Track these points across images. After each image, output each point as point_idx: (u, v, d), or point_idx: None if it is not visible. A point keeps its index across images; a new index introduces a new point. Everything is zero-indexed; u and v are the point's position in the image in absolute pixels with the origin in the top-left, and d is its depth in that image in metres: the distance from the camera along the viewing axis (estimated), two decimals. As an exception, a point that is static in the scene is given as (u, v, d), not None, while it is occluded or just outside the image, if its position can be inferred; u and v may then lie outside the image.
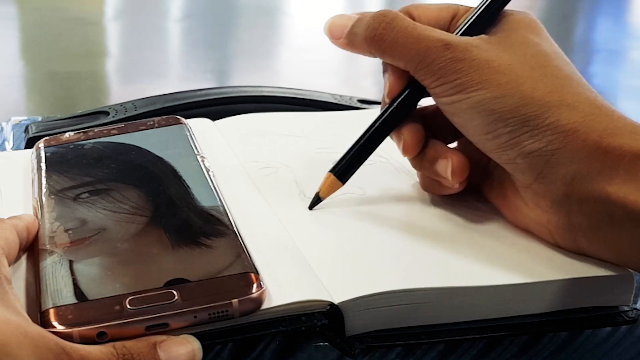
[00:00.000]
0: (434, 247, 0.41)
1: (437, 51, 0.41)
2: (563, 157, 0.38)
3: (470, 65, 0.40)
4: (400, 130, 0.44)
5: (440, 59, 0.41)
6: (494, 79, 0.40)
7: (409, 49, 0.42)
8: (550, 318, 0.39)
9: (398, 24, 0.42)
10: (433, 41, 0.41)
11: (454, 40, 0.41)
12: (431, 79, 0.41)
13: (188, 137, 0.48)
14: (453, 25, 0.44)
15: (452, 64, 0.41)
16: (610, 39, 2.62)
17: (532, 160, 0.39)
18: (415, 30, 0.42)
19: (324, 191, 0.44)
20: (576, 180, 0.38)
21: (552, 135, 0.39)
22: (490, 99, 0.40)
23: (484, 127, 0.40)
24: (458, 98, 0.41)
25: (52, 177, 0.44)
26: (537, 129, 0.39)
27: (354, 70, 2.19)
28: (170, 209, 0.41)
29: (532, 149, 0.39)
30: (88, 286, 0.35)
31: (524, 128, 0.39)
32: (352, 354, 0.36)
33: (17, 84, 1.97)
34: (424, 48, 0.41)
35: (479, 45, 0.41)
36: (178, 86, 1.87)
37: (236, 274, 0.36)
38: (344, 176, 0.44)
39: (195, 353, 0.33)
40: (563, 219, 0.39)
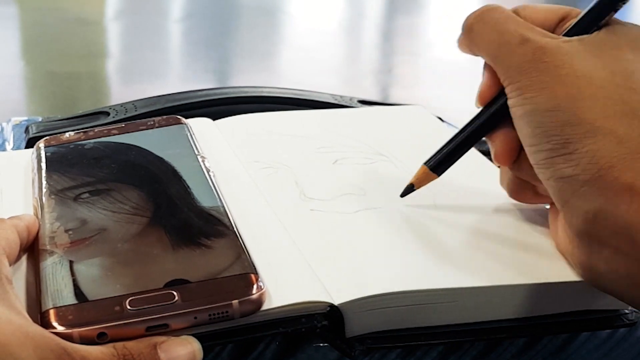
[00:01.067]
0: (434, 248, 0.41)
1: (512, 46, 0.38)
2: (590, 191, 0.35)
3: (537, 68, 0.37)
4: (493, 136, 0.41)
5: (514, 55, 0.38)
6: (553, 88, 0.37)
7: (490, 41, 0.39)
8: (550, 320, 0.39)
9: (489, 16, 0.40)
10: (513, 35, 0.38)
11: (535, 37, 0.38)
12: (503, 76, 0.39)
13: (188, 137, 0.48)
14: (560, 27, 0.41)
15: (522, 63, 0.38)
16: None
17: (563, 185, 0.36)
18: (503, 24, 0.39)
19: (418, 182, 0.44)
20: (598, 219, 0.35)
21: (587, 164, 0.35)
22: (542, 110, 0.37)
23: (530, 139, 0.38)
24: (517, 102, 0.38)
25: (52, 177, 0.44)
26: (575, 154, 0.36)
27: (355, 70, 2.19)
28: (170, 210, 0.41)
29: (564, 174, 0.36)
30: (88, 287, 0.35)
31: (563, 149, 0.36)
32: (352, 355, 0.36)
33: (17, 84, 1.97)
34: (503, 41, 0.39)
35: (559, 46, 0.38)
36: (178, 86, 1.88)
37: (236, 275, 0.36)
38: (437, 169, 0.43)
39: (196, 354, 0.33)
40: (584, 257, 0.37)
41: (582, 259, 0.37)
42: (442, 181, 0.46)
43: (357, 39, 2.58)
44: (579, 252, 0.37)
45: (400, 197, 0.44)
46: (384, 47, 2.49)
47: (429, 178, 0.44)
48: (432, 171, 0.43)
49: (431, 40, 2.47)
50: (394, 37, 2.61)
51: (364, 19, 2.81)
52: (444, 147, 0.43)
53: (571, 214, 0.36)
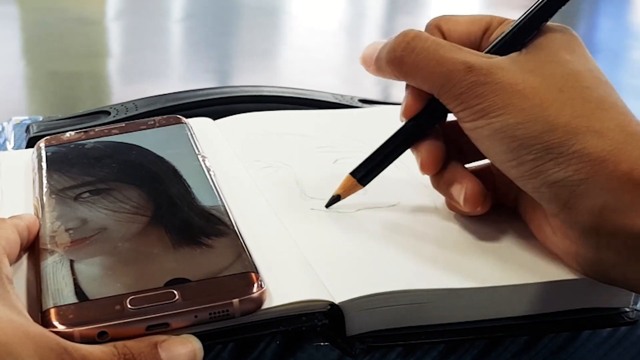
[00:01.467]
0: (434, 247, 0.41)
1: (459, 75, 0.39)
2: (590, 188, 0.36)
3: (493, 90, 0.38)
4: (419, 147, 0.42)
5: (462, 83, 0.39)
6: (517, 104, 0.37)
7: (430, 72, 0.40)
8: (551, 319, 0.39)
9: (418, 45, 0.40)
10: (455, 64, 0.39)
11: (478, 62, 0.39)
12: (454, 103, 0.39)
13: (189, 136, 0.48)
14: (485, 39, 0.42)
15: (474, 88, 0.38)
16: (611, 39, 2.62)
17: (557, 190, 0.37)
18: (437, 52, 0.40)
19: (345, 192, 0.44)
20: (605, 213, 0.35)
21: (578, 164, 0.36)
22: (512, 125, 0.37)
23: (506, 155, 0.38)
24: (480, 124, 0.38)
25: (53, 176, 0.44)
26: (562, 157, 0.36)
27: (355, 69, 2.19)
28: (171, 209, 0.41)
29: (557, 179, 0.36)
30: (89, 286, 0.35)
31: (547, 156, 0.36)
32: (352, 353, 0.36)
33: (18, 84, 1.97)
34: (446, 71, 0.39)
35: (504, 66, 0.39)
36: (179, 86, 1.88)
37: (237, 274, 0.36)
38: (363, 180, 0.44)
39: (196, 353, 0.33)
40: (591, 253, 0.37)
41: (590, 256, 0.37)
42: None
43: (358, 39, 2.58)
44: (585, 250, 0.37)
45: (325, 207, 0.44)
46: (384, 46, 2.49)
47: (355, 188, 0.44)
48: (359, 182, 0.44)
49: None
50: (394, 36, 2.61)
51: (365, 19, 2.81)
52: (371, 157, 0.44)
53: (574, 214, 0.36)
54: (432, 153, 0.42)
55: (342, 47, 2.40)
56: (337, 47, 2.35)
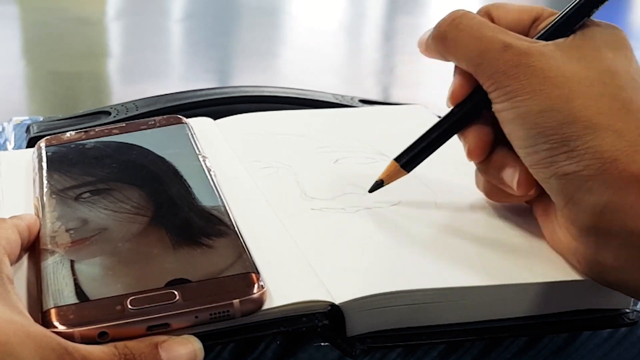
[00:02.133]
0: (435, 247, 0.41)
1: (495, 53, 0.39)
2: (596, 185, 0.36)
3: (525, 72, 0.38)
4: (466, 132, 0.42)
5: (497, 62, 0.38)
6: (545, 91, 0.37)
7: (470, 48, 0.40)
8: (550, 319, 0.39)
9: (463, 22, 0.40)
10: (494, 42, 0.39)
11: (517, 43, 0.39)
12: (488, 82, 0.39)
13: (189, 136, 0.48)
14: (534, 28, 0.42)
15: (508, 69, 0.38)
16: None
17: (566, 183, 0.37)
18: (479, 30, 0.40)
19: (388, 177, 0.44)
20: (607, 211, 0.35)
21: (590, 160, 0.36)
22: (535, 112, 0.37)
23: (525, 141, 0.38)
24: (506, 106, 0.38)
25: (53, 176, 0.44)
26: (576, 151, 0.36)
27: (356, 70, 2.19)
28: (171, 209, 0.41)
29: (567, 171, 0.37)
30: (89, 286, 0.35)
31: (563, 147, 0.37)
32: (353, 354, 0.36)
33: (18, 84, 1.97)
34: (484, 49, 0.39)
35: (544, 51, 0.38)
36: (179, 86, 1.88)
37: (237, 274, 0.36)
38: (407, 166, 0.43)
39: (197, 353, 0.33)
40: (590, 252, 0.37)
41: (588, 255, 0.37)
42: (443, 181, 0.46)
43: (358, 39, 2.58)
44: (584, 248, 0.37)
45: (368, 193, 0.44)
46: (384, 46, 2.49)
47: (399, 174, 0.44)
48: (403, 168, 0.43)
49: (432, 39, 2.47)
50: (394, 36, 2.61)
51: (365, 19, 2.81)
52: (416, 143, 0.43)
53: (577, 210, 0.37)
54: (479, 139, 0.42)
55: (342, 47, 2.40)
56: (337, 47, 2.35)
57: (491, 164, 0.42)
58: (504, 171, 0.41)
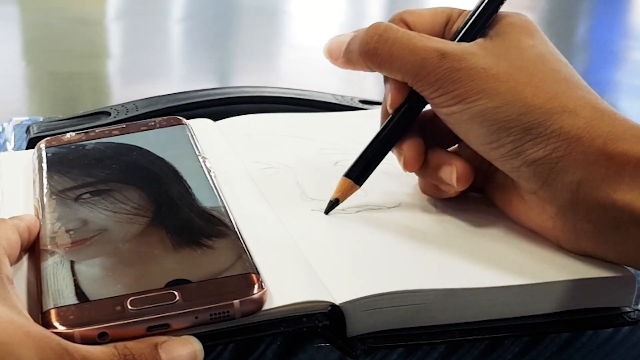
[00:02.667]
0: (435, 248, 0.41)
1: (433, 62, 0.40)
2: (567, 165, 0.38)
3: (468, 75, 0.39)
4: (401, 145, 0.43)
5: (437, 70, 0.40)
6: (493, 88, 0.39)
7: (405, 61, 0.41)
8: (552, 319, 0.39)
9: (391, 36, 0.41)
10: (429, 51, 0.40)
11: (450, 48, 0.40)
12: (430, 89, 0.41)
13: (189, 137, 0.48)
14: (448, 30, 0.43)
15: (449, 74, 0.40)
16: (610, 40, 2.62)
17: (537, 168, 0.39)
18: (410, 41, 0.41)
19: (343, 195, 0.44)
20: (582, 187, 0.38)
21: (556, 142, 0.38)
22: (491, 109, 0.39)
23: (486, 137, 0.40)
24: (458, 109, 0.40)
25: (53, 177, 0.44)
26: (540, 137, 0.38)
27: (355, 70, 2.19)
28: (171, 210, 0.41)
29: (536, 157, 0.38)
30: (89, 287, 0.35)
31: (527, 137, 0.38)
32: (353, 354, 0.36)
33: (18, 85, 1.97)
34: (420, 59, 0.40)
35: (475, 52, 0.40)
36: (179, 87, 1.88)
37: (237, 275, 0.35)
38: (359, 180, 0.44)
39: (197, 354, 0.33)
40: (568, 225, 0.39)
41: (568, 229, 0.39)
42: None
43: (358, 39, 2.57)
44: (562, 224, 0.39)
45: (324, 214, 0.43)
46: (384, 47, 2.49)
47: (352, 190, 0.44)
48: (355, 182, 0.44)
49: (432, 40, 2.47)
50: (394, 37, 2.60)
51: (365, 19, 2.81)
52: (362, 157, 0.44)
53: (552, 190, 0.39)
54: (414, 149, 0.43)
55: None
56: (337, 48, 2.35)
57: (428, 166, 0.43)
58: (441, 170, 0.43)
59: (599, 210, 0.37)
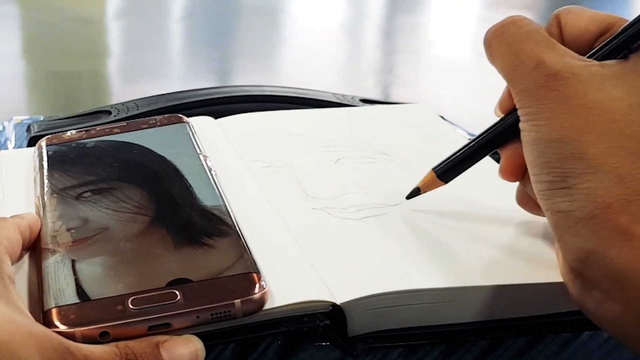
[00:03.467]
0: (436, 248, 0.41)
1: (526, 70, 0.37)
2: (584, 230, 0.33)
3: (548, 96, 0.35)
4: (503, 149, 0.40)
5: (526, 80, 0.37)
6: (561, 120, 0.35)
7: (506, 61, 0.38)
8: (551, 319, 0.39)
9: (507, 31, 0.38)
10: (529, 57, 0.37)
11: (553, 61, 0.36)
12: (516, 98, 0.37)
13: (190, 136, 0.48)
14: (600, 40, 0.38)
15: (533, 89, 0.36)
16: (611, 39, 2.62)
17: (558, 220, 0.35)
18: (520, 43, 0.38)
19: (424, 186, 0.43)
20: (590, 259, 0.33)
21: (584, 202, 0.33)
22: (546, 140, 0.35)
23: (532, 168, 0.36)
24: (523, 127, 0.37)
25: (54, 176, 0.44)
26: (573, 189, 0.34)
27: (356, 69, 2.19)
28: (172, 209, 0.41)
29: (561, 209, 0.34)
30: (90, 286, 0.35)
31: (561, 183, 0.34)
32: (354, 354, 0.36)
33: (19, 84, 1.97)
34: (518, 63, 0.37)
35: (576, 73, 0.36)
36: (180, 86, 1.87)
37: (238, 274, 0.35)
38: (445, 177, 0.43)
39: (198, 353, 0.33)
40: (575, 292, 0.35)
41: (575, 294, 0.35)
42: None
43: (359, 38, 2.58)
44: (572, 287, 0.36)
45: (405, 199, 0.44)
46: (385, 46, 2.49)
47: (436, 184, 0.43)
48: (439, 178, 0.43)
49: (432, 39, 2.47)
50: (395, 36, 2.61)
51: (365, 18, 2.81)
52: (455, 154, 0.42)
53: (565, 250, 0.35)
54: (512, 159, 0.40)
55: (342, 46, 2.40)
56: (337, 47, 2.35)
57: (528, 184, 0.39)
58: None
59: (604, 290, 0.33)
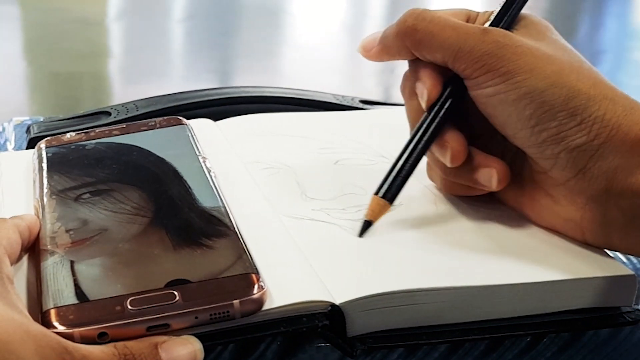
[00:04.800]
0: (435, 247, 0.41)
1: (476, 37, 0.39)
2: (607, 151, 0.37)
3: (516, 52, 0.38)
4: (444, 138, 0.41)
5: (482, 45, 0.39)
6: (542, 68, 0.38)
7: (446, 36, 0.40)
8: (552, 319, 0.39)
9: (429, 15, 0.41)
10: (470, 27, 0.40)
11: (489, 27, 0.40)
12: (473, 67, 0.39)
13: (190, 137, 0.48)
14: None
15: (495, 50, 0.39)
16: (613, 40, 2.62)
17: (577, 154, 0.38)
18: (450, 19, 0.40)
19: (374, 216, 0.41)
20: (617, 174, 0.37)
21: (599, 129, 0.37)
22: (541, 90, 0.38)
23: (530, 120, 0.38)
24: (504, 88, 0.38)
25: (53, 177, 0.44)
26: (585, 123, 0.38)
27: (356, 70, 2.19)
28: (171, 210, 0.41)
29: (579, 144, 0.38)
30: (89, 286, 0.35)
31: (571, 122, 0.38)
32: (353, 354, 0.36)
33: (19, 84, 1.97)
34: (463, 34, 0.39)
35: (513, 35, 0.40)
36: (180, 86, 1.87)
37: (237, 275, 0.35)
38: (392, 198, 0.42)
39: (197, 353, 0.33)
40: (599, 215, 0.39)
41: (598, 217, 0.39)
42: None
43: (359, 39, 2.57)
44: (591, 213, 0.39)
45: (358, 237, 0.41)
46: (385, 46, 2.48)
47: (385, 209, 0.42)
48: (388, 201, 0.42)
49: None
50: (395, 37, 2.60)
51: (366, 19, 2.81)
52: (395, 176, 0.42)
53: (587, 178, 0.38)
54: (460, 141, 0.41)
55: (343, 47, 2.40)
56: (338, 47, 2.35)
57: (464, 166, 0.42)
58: (478, 172, 0.41)
59: (631, 197, 0.37)
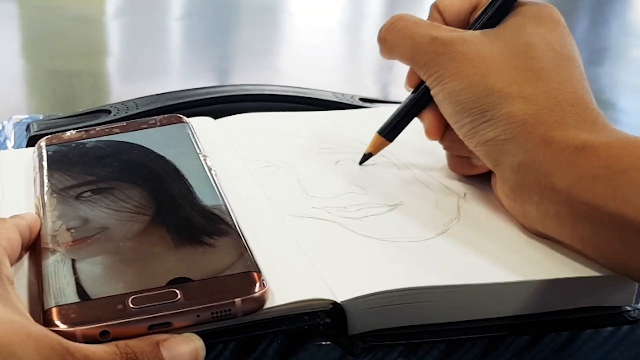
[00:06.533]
0: (435, 246, 0.41)
1: (424, 46, 0.44)
2: (512, 147, 0.40)
3: (448, 58, 0.43)
4: (422, 115, 0.47)
5: (426, 54, 0.44)
6: (464, 71, 0.42)
7: (404, 46, 0.45)
8: (552, 317, 0.39)
9: (398, 25, 0.46)
10: (422, 37, 0.44)
11: (442, 35, 0.44)
12: (421, 72, 0.45)
13: (190, 135, 0.48)
14: (473, 16, 0.46)
15: (435, 57, 0.43)
16: (612, 38, 2.62)
17: (488, 148, 0.42)
18: (411, 29, 0.45)
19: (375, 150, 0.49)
20: (522, 170, 0.40)
21: (505, 125, 0.41)
22: (457, 90, 0.42)
23: (453, 117, 0.43)
24: (437, 90, 0.44)
25: (53, 175, 0.44)
26: (493, 119, 0.41)
27: (356, 68, 2.19)
28: (172, 208, 0.41)
29: (488, 138, 0.41)
30: (91, 285, 0.35)
31: (482, 118, 0.41)
32: (354, 352, 0.36)
33: (18, 83, 1.97)
34: (415, 44, 0.44)
35: (466, 38, 0.43)
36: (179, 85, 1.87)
37: (239, 273, 0.35)
38: (389, 136, 0.48)
39: (198, 352, 0.33)
40: (518, 207, 0.41)
41: (518, 209, 0.41)
42: (443, 182, 0.46)
43: (358, 37, 2.58)
44: (514, 204, 0.42)
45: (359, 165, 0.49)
46: (384, 45, 2.48)
47: (384, 145, 0.49)
48: (386, 138, 0.48)
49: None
50: (394, 34, 2.60)
51: (365, 17, 2.81)
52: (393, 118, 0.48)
53: (501, 171, 0.42)
54: (433, 119, 0.46)
55: (342, 45, 2.40)
56: (337, 46, 2.35)
57: (453, 139, 0.46)
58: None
59: (539, 195, 0.39)
